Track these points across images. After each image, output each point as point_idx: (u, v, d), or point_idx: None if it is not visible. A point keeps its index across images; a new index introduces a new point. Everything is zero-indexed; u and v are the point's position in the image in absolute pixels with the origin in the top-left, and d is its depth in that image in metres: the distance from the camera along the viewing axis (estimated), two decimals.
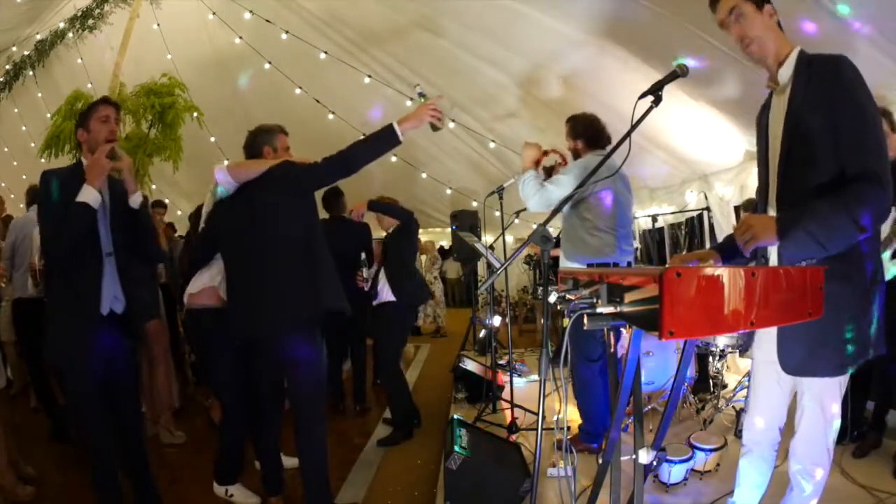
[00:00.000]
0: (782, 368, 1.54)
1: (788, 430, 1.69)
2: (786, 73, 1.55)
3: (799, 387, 1.60)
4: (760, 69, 1.66)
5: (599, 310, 1.26)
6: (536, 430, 1.62)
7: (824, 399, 1.54)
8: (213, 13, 6.07)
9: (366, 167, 2.23)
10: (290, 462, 2.67)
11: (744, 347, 1.83)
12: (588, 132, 2.95)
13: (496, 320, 4.24)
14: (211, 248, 2.57)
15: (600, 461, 1.57)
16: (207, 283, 2.59)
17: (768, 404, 1.70)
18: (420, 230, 4.03)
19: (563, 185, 2.73)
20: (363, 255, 4.35)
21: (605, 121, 3.04)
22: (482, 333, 6.09)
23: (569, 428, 2.93)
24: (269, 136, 2.45)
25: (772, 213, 1.61)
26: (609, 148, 2.65)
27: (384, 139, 2.17)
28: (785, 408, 1.69)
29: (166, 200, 6.44)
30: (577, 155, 2.98)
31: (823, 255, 1.36)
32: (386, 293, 3.59)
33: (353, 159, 2.18)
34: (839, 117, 1.42)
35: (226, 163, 2.34)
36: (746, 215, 1.48)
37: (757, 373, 1.76)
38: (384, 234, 3.86)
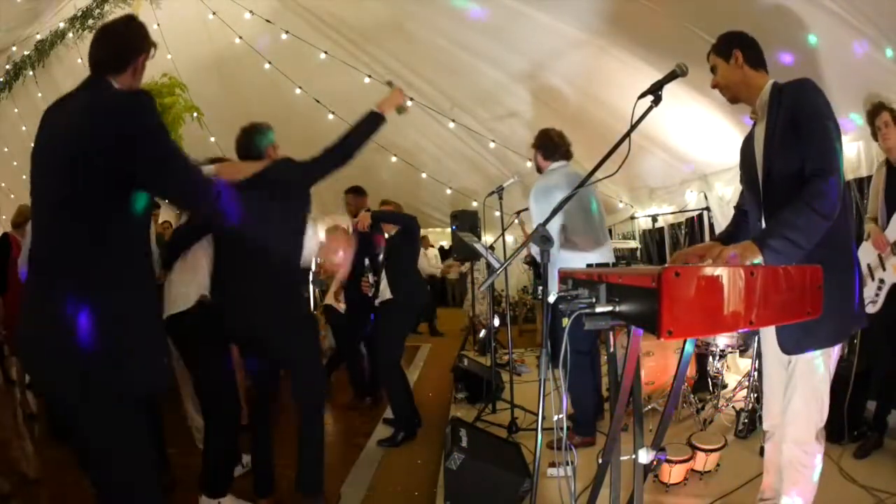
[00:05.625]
0: (782, 351, 1.68)
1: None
2: (762, 104, 1.77)
3: (790, 367, 1.72)
4: None
5: (598, 309, 1.26)
6: (536, 430, 1.62)
7: (812, 379, 1.66)
8: (214, 13, 6.06)
9: (368, 169, 2.29)
10: None
11: (744, 346, 2.01)
12: (546, 145, 3.16)
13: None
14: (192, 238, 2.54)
15: (600, 461, 1.57)
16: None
17: (778, 392, 1.81)
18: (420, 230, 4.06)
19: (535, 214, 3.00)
20: (367, 262, 4.37)
21: (604, 120, 3.08)
22: (482, 333, 6.09)
23: (569, 428, 2.94)
24: (271, 134, 2.46)
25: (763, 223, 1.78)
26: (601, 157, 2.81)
27: (372, 122, 2.36)
28: None
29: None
30: (539, 167, 3.21)
31: (804, 253, 1.50)
32: (386, 292, 3.61)
33: (348, 147, 2.32)
34: (799, 129, 1.62)
35: (211, 168, 2.21)
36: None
37: (767, 365, 1.89)
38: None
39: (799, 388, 1.68)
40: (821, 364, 1.67)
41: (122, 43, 1.55)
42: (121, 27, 1.59)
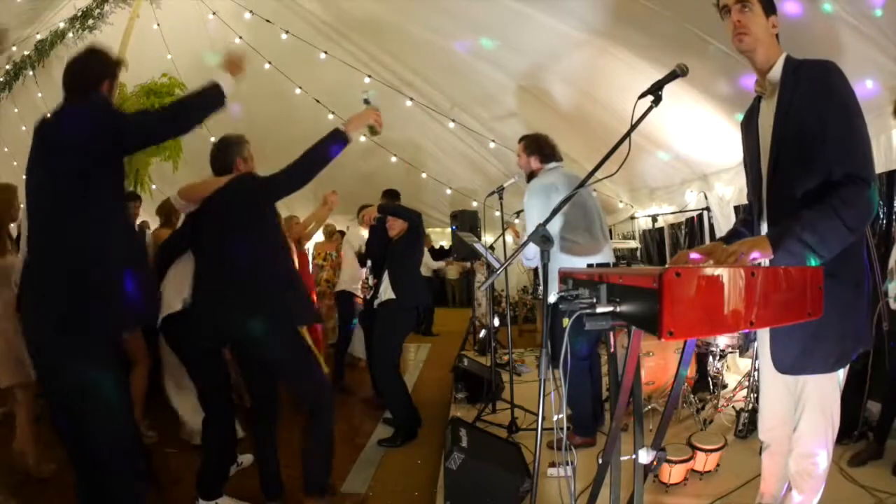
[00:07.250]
0: (775, 367, 1.57)
1: None
2: (774, 77, 1.62)
3: (799, 384, 1.62)
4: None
5: (599, 310, 1.26)
6: (536, 430, 1.62)
7: (824, 396, 1.57)
8: (214, 13, 6.06)
9: (368, 169, 2.29)
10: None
11: (744, 347, 1.89)
12: (542, 149, 3.11)
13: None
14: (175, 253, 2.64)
15: (600, 461, 1.57)
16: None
17: (776, 404, 1.75)
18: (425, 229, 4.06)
19: (533, 211, 2.91)
20: (368, 262, 4.29)
21: (604, 121, 3.05)
22: (482, 333, 6.09)
23: (569, 428, 2.94)
24: (239, 147, 2.46)
25: (763, 221, 1.67)
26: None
27: (333, 141, 2.24)
28: (794, 404, 1.71)
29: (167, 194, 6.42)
30: (533, 171, 3.12)
31: (819, 261, 1.40)
32: (387, 292, 3.60)
33: (309, 167, 2.24)
34: (826, 121, 1.47)
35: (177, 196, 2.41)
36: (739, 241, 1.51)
37: (763, 373, 1.81)
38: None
39: (808, 409, 1.61)
40: (830, 384, 1.59)
41: (84, 74, 1.92)
42: (81, 60, 1.97)
